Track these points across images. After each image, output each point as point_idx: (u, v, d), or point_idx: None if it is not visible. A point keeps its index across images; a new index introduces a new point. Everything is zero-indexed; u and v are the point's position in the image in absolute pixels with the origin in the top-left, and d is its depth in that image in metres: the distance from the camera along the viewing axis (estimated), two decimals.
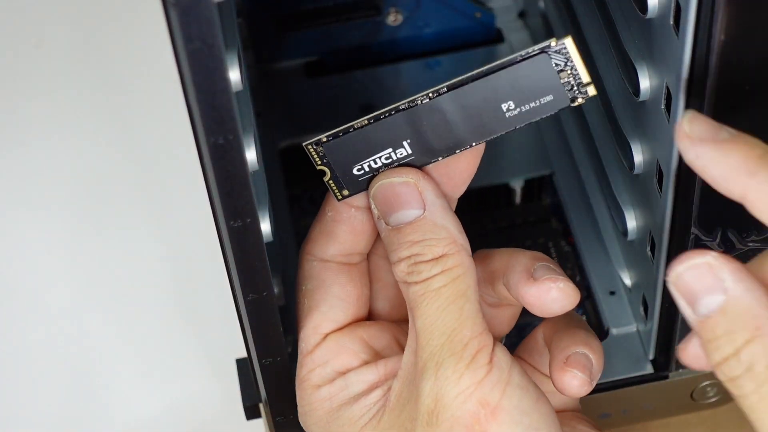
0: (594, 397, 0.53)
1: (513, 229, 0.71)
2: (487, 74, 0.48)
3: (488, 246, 0.54)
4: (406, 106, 0.49)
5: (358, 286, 0.54)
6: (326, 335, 0.53)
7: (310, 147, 0.50)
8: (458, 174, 0.51)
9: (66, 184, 0.83)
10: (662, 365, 0.62)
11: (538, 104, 0.49)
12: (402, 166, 0.51)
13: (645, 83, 0.52)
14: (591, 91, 0.49)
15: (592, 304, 0.66)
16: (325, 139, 0.50)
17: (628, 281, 0.64)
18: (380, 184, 0.51)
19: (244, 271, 0.48)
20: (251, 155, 0.49)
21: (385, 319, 0.55)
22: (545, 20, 0.72)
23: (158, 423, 0.74)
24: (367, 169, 0.51)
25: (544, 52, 0.48)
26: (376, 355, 0.53)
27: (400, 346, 0.54)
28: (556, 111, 0.49)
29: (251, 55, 0.75)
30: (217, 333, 0.76)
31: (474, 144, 0.50)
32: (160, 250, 0.80)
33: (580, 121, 0.68)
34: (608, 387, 0.62)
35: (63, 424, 0.75)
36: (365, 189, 0.51)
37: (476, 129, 0.49)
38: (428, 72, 0.75)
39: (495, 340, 0.49)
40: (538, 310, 0.51)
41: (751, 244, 0.53)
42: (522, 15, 0.78)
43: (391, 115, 0.50)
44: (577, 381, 0.51)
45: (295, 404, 0.55)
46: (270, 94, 0.75)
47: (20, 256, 0.80)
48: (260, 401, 0.60)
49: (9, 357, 0.76)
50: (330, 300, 0.53)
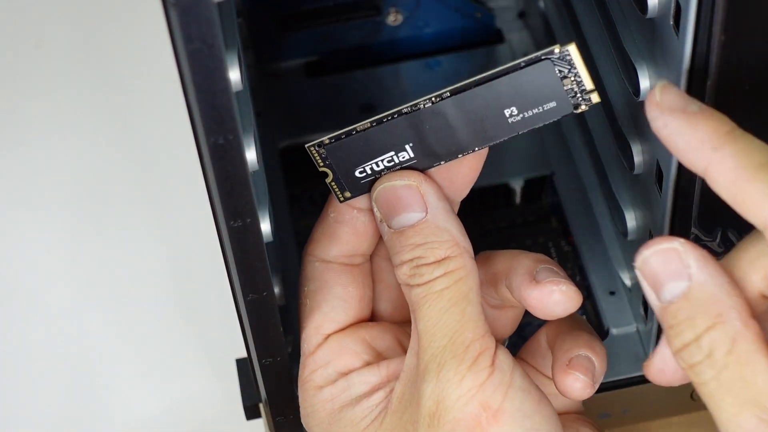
0: (594, 397, 0.53)
1: (513, 229, 0.71)
2: (490, 79, 0.48)
3: (488, 246, 0.54)
4: (409, 109, 0.49)
5: (361, 287, 0.54)
6: (328, 336, 0.53)
7: (312, 149, 0.50)
8: (461, 178, 0.51)
9: (66, 184, 0.83)
10: None
11: (541, 110, 0.49)
12: (404, 169, 0.51)
13: (645, 83, 0.52)
14: (594, 98, 0.48)
15: (592, 304, 0.66)
16: (327, 142, 0.50)
17: (628, 281, 0.64)
18: (382, 187, 0.51)
19: (244, 271, 0.48)
20: (251, 155, 0.49)
21: (388, 320, 0.55)
22: (545, 20, 0.72)
23: (158, 423, 0.74)
24: (369, 172, 0.51)
25: (548, 58, 0.47)
26: (379, 357, 0.53)
27: (402, 348, 0.54)
28: (560, 117, 0.49)
29: (251, 55, 0.75)
30: (217, 333, 0.75)
31: (476, 149, 0.50)
32: (160, 250, 0.80)
33: (580, 121, 0.68)
34: (608, 387, 0.62)
35: (63, 424, 0.74)
36: (367, 191, 0.51)
37: (479, 134, 0.49)
38: (428, 72, 0.75)
39: (497, 343, 0.49)
40: (540, 313, 0.51)
41: None
42: (522, 15, 0.77)
43: (393, 118, 0.49)
44: (580, 384, 0.51)
45: (295, 404, 0.55)
46: (270, 94, 0.74)
47: (20, 256, 0.80)
48: (260, 401, 0.60)
49: (9, 357, 0.76)
50: (332, 301, 0.53)
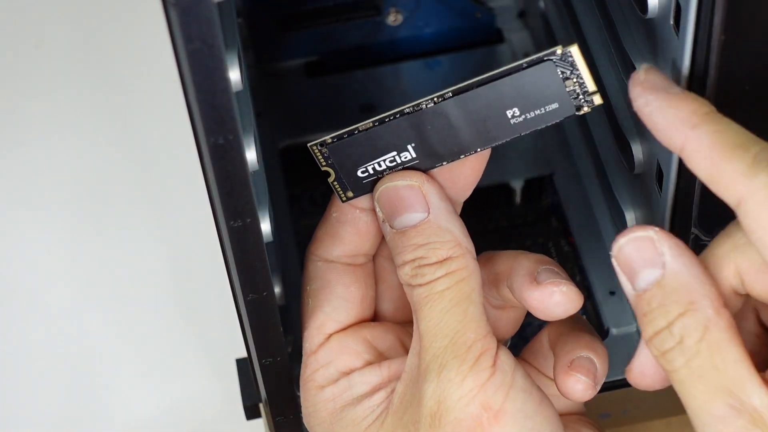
0: (594, 397, 0.53)
1: (513, 229, 0.71)
2: (492, 80, 0.48)
3: (488, 246, 0.54)
4: (411, 110, 0.49)
5: (363, 287, 0.54)
6: (330, 335, 0.53)
7: (314, 148, 0.50)
8: (463, 179, 0.51)
9: (66, 184, 0.83)
10: None
11: (543, 112, 0.48)
12: (407, 169, 0.50)
13: None
14: (597, 99, 0.48)
15: (592, 304, 0.66)
16: (329, 141, 0.50)
17: None
18: (385, 187, 0.51)
19: (244, 271, 0.48)
20: (251, 155, 0.49)
21: (390, 320, 0.55)
22: (545, 20, 0.72)
23: (158, 423, 0.74)
24: (371, 172, 0.51)
25: (550, 59, 0.47)
26: (380, 356, 0.53)
27: (404, 348, 0.54)
28: (562, 119, 0.49)
29: (251, 55, 0.75)
30: (217, 333, 0.75)
31: (478, 150, 0.50)
32: (160, 250, 0.80)
33: (581, 121, 0.68)
34: (608, 387, 0.62)
35: (63, 424, 0.74)
36: (370, 191, 0.51)
37: (481, 135, 0.49)
38: (428, 72, 0.75)
39: (499, 343, 0.49)
40: (541, 314, 0.51)
41: None
42: (522, 15, 0.77)
43: (395, 118, 0.49)
44: (581, 385, 0.51)
45: (295, 404, 0.55)
46: (270, 94, 0.74)
47: (20, 256, 0.80)
48: (260, 401, 0.60)
49: (9, 357, 0.76)
50: (334, 300, 0.53)
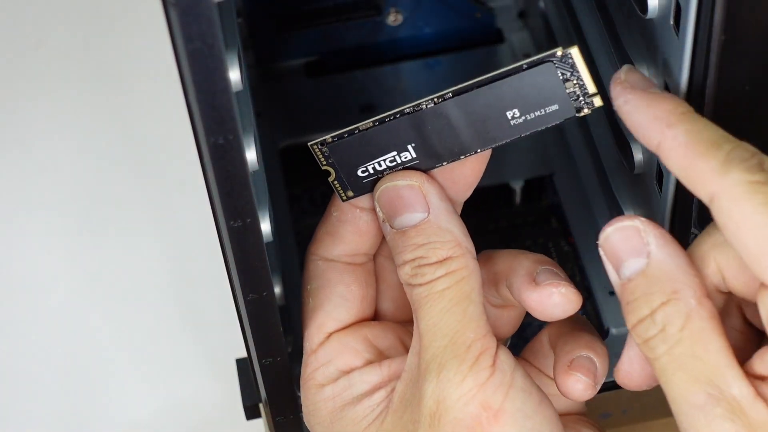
0: (594, 397, 0.53)
1: (513, 229, 0.71)
2: (492, 81, 0.48)
3: (488, 246, 0.54)
4: (411, 110, 0.49)
5: (363, 286, 0.54)
6: (330, 334, 0.53)
7: (315, 147, 0.50)
8: (463, 179, 0.51)
9: (66, 184, 0.83)
10: None
11: (543, 113, 0.48)
12: (407, 169, 0.50)
13: None
14: (597, 101, 0.48)
15: (592, 304, 0.66)
16: (330, 140, 0.50)
17: None
18: (385, 187, 0.51)
19: (244, 271, 0.48)
20: (251, 155, 0.49)
21: (391, 319, 0.55)
22: (545, 20, 0.72)
23: (158, 423, 0.74)
24: (371, 172, 0.51)
25: (550, 61, 0.47)
26: (381, 356, 0.53)
27: (404, 347, 0.54)
28: (562, 121, 0.48)
29: (251, 55, 0.75)
30: (217, 333, 0.76)
31: (478, 150, 0.50)
32: (160, 250, 0.80)
33: (581, 122, 0.68)
34: (609, 387, 0.62)
35: (63, 424, 0.75)
36: (370, 191, 0.51)
37: (481, 136, 0.49)
38: (428, 72, 0.75)
39: (498, 343, 0.49)
40: (540, 315, 0.51)
41: None
42: (522, 15, 0.77)
43: (396, 118, 0.49)
44: (581, 385, 0.51)
45: (295, 404, 0.55)
46: (270, 94, 0.74)
47: (20, 256, 0.80)
48: (260, 401, 0.60)
49: (9, 357, 0.76)
50: (334, 299, 0.53)
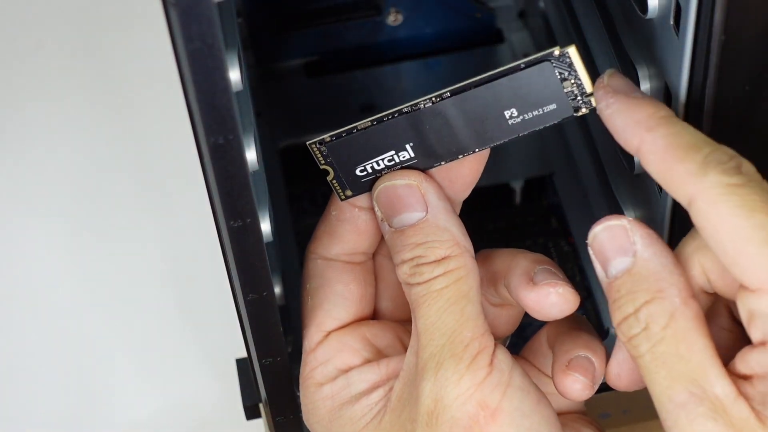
0: (594, 397, 0.53)
1: (513, 229, 0.71)
2: (489, 80, 0.48)
3: (488, 246, 0.54)
4: (409, 109, 0.49)
5: (362, 285, 0.54)
6: (329, 333, 0.53)
7: (313, 146, 0.50)
8: (461, 178, 0.51)
9: (66, 183, 0.83)
10: None
11: (541, 113, 0.48)
12: (405, 168, 0.50)
13: (645, 83, 0.52)
14: (595, 101, 0.48)
15: (592, 304, 0.66)
16: (328, 139, 0.50)
17: None
18: (383, 186, 0.51)
19: (244, 271, 0.48)
20: (251, 155, 0.49)
21: (389, 318, 0.55)
22: (545, 20, 0.72)
23: (158, 423, 0.74)
24: (370, 171, 0.51)
25: (547, 60, 0.47)
26: (379, 354, 0.53)
27: (403, 346, 0.54)
28: (560, 120, 0.48)
29: (251, 55, 0.75)
30: (217, 333, 0.76)
31: (476, 150, 0.50)
32: (160, 250, 0.80)
33: (580, 121, 0.68)
34: (609, 387, 0.62)
35: (63, 424, 0.75)
36: (368, 190, 0.51)
37: (478, 135, 0.49)
38: (428, 72, 0.75)
39: (496, 342, 0.49)
40: (537, 315, 0.51)
41: None
42: (522, 15, 0.77)
43: (394, 117, 0.49)
44: (579, 385, 0.51)
45: (295, 404, 0.55)
46: (270, 94, 0.74)
47: (20, 256, 0.80)
48: (260, 401, 0.60)
49: (9, 357, 0.77)
50: (333, 298, 0.53)
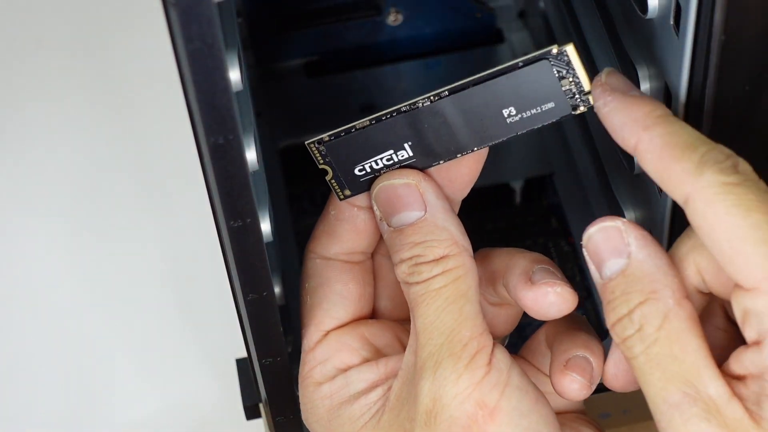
0: (594, 397, 0.53)
1: (513, 229, 0.71)
2: (488, 79, 0.48)
3: (488, 246, 0.54)
4: (407, 108, 0.49)
5: (361, 284, 0.54)
6: (328, 332, 0.53)
7: (312, 146, 0.50)
8: (460, 178, 0.51)
9: (66, 183, 0.83)
10: None
11: (539, 111, 0.48)
12: (404, 168, 0.51)
13: (645, 83, 0.52)
14: (593, 99, 0.48)
15: (592, 304, 0.66)
16: (327, 139, 0.50)
17: None
18: (382, 186, 0.51)
19: (244, 271, 0.48)
20: (251, 155, 0.49)
21: (388, 318, 0.55)
22: (545, 20, 0.72)
23: (158, 423, 0.74)
24: (368, 170, 0.51)
25: (545, 58, 0.47)
26: (378, 353, 0.53)
27: (402, 346, 0.54)
28: (558, 118, 0.48)
29: (251, 55, 0.75)
30: (217, 333, 0.76)
31: (475, 149, 0.50)
32: (160, 250, 0.80)
33: (580, 121, 0.68)
34: None
35: (63, 423, 0.75)
36: (367, 189, 0.51)
37: (477, 134, 0.49)
38: (428, 72, 0.75)
39: (495, 341, 0.49)
40: (535, 314, 0.51)
41: None
42: (522, 15, 0.77)
43: (392, 116, 0.49)
44: (577, 385, 0.51)
45: (295, 404, 0.55)
46: (270, 94, 0.74)
47: (20, 256, 0.80)
48: (260, 401, 0.60)
49: (9, 357, 0.77)
50: (332, 297, 0.53)
